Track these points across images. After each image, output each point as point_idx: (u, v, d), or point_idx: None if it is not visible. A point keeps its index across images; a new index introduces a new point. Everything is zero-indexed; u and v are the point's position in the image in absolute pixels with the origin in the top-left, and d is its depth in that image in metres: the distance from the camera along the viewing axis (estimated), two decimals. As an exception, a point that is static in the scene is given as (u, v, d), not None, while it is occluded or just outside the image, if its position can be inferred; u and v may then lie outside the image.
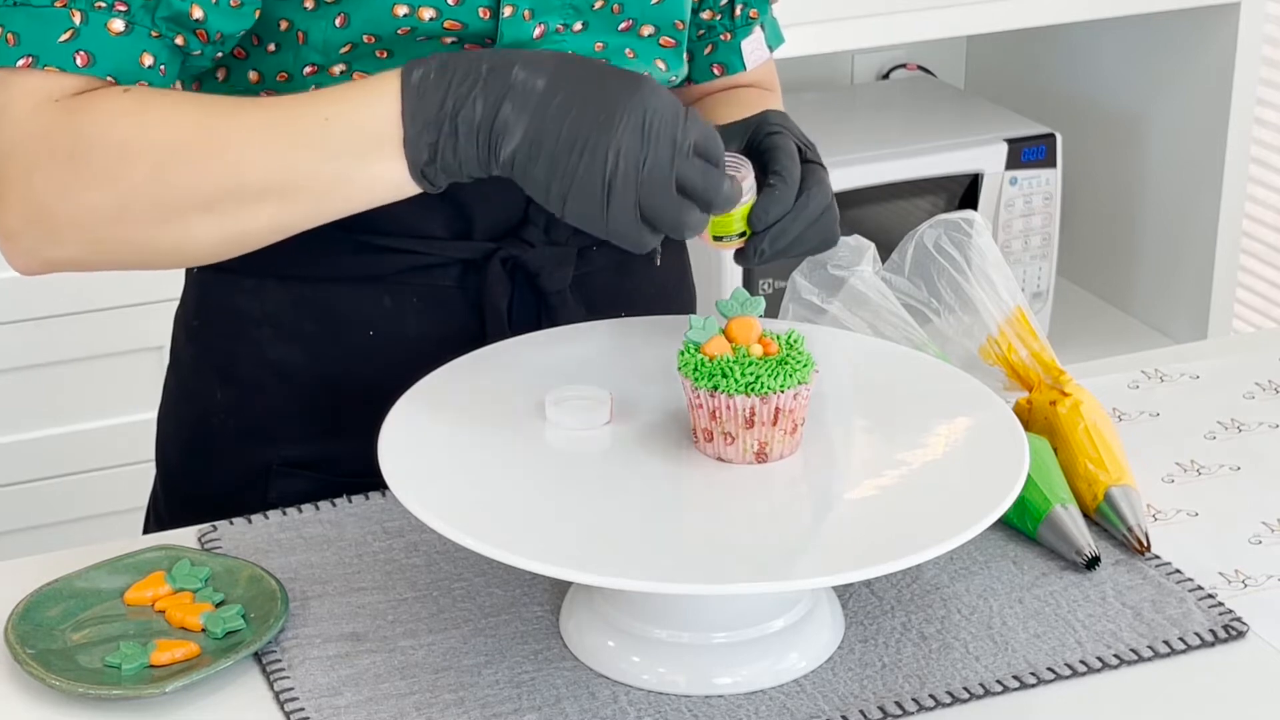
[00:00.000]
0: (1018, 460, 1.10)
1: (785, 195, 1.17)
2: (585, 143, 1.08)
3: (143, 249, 1.15)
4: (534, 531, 1.04)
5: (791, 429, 1.12)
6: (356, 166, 1.12)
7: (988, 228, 1.34)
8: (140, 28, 1.14)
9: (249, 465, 1.35)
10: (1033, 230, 2.53)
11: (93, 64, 1.13)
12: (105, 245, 1.15)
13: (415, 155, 1.10)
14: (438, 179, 1.12)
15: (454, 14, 1.21)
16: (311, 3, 1.21)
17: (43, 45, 1.12)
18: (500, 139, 1.09)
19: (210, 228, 1.13)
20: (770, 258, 1.18)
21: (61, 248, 1.15)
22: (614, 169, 1.07)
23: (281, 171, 1.12)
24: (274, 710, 1.07)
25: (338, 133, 1.12)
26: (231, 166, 1.12)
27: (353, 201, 1.14)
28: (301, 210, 1.14)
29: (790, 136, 1.21)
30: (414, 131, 1.10)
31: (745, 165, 1.16)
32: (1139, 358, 1.51)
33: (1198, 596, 1.16)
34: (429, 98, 1.10)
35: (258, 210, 1.13)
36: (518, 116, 1.09)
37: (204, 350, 1.37)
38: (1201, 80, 2.52)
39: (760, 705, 1.06)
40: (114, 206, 1.13)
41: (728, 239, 1.17)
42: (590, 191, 1.08)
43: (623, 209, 1.08)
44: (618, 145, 1.07)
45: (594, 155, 1.07)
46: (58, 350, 2.30)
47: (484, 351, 1.23)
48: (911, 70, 2.84)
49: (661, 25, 1.30)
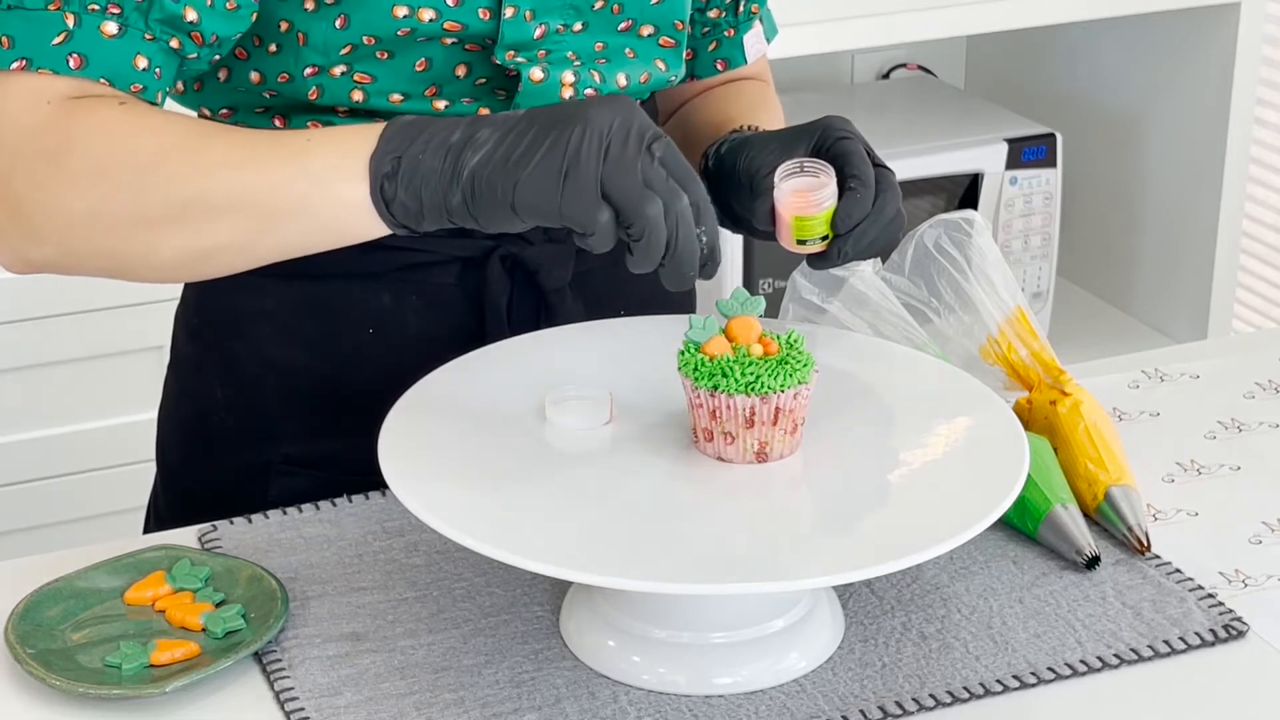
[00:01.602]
0: (1018, 460, 1.10)
1: (865, 198, 1.19)
2: (549, 133, 1.07)
3: (112, 257, 1.15)
4: (534, 531, 1.04)
5: (791, 429, 1.12)
6: (322, 185, 1.11)
7: (988, 228, 1.34)
8: (133, 30, 1.14)
9: (249, 464, 1.35)
10: (1033, 230, 2.53)
11: (86, 66, 1.13)
12: (78, 250, 1.15)
13: (378, 166, 1.10)
14: (395, 203, 1.10)
15: (454, 15, 1.21)
16: (312, 4, 1.21)
17: (36, 48, 1.13)
18: (467, 153, 1.09)
19: (176, 241, 1.13)
20: (850, 259, 1.20)
21: (39, 248, 1.15)
22: (577, 146, 1.07)
23: (249, 186, 1.12)
24: (274, 710, 1.07)
25: (314, 151, 1.12)
26: (203, 177, 1.12)
27: (314, 225, 1.13)
28: (261, 231, 1.13)
29: (859, 141, 1.22)
30: (384, 147, 1.10)
31: (827, 170, 1.19)
32: (1139, 358, 1.51)
33: (1198, 596, 1.16)
34: (414, 125, 1.11)
35: (219, 226, 1.12)
36: (489, 134, 1.09)
37: (204, 349, 1.37)
38: (1201, 80, 2.52)
39: (760, 705, 1.06)
40: (87, 211, 1.13)
41: (810, 242, 1.20)
42: (549, 167, 1.07)
43: (582, 185, 1.06)
44: (583, 126, 1.07)
45: (557, 139, 1.07)
46: (58, 350, 2.30)
47: (484, 351, 1.23)
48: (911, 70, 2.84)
49: (661, 25, 1.31)
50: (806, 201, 1.18)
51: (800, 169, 1.19)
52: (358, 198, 1.11)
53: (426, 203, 1.10)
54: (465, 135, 1.10)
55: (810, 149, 1.23)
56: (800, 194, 1.19)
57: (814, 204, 1.18)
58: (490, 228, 1.10)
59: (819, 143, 1.23)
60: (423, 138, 1.10)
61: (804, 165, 1.19)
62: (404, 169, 1.10)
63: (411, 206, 1.10)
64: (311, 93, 1.24)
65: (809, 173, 1.19)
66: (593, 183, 1.07)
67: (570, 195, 1.07)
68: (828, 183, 1.18)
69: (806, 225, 1.19)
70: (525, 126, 1.09)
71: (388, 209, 1.11)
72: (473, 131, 1.10)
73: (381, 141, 1.11)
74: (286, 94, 1.25)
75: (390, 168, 1.10)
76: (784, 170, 1.20)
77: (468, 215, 1.10)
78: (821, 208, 1.18)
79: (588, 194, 1.07)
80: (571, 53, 1.26)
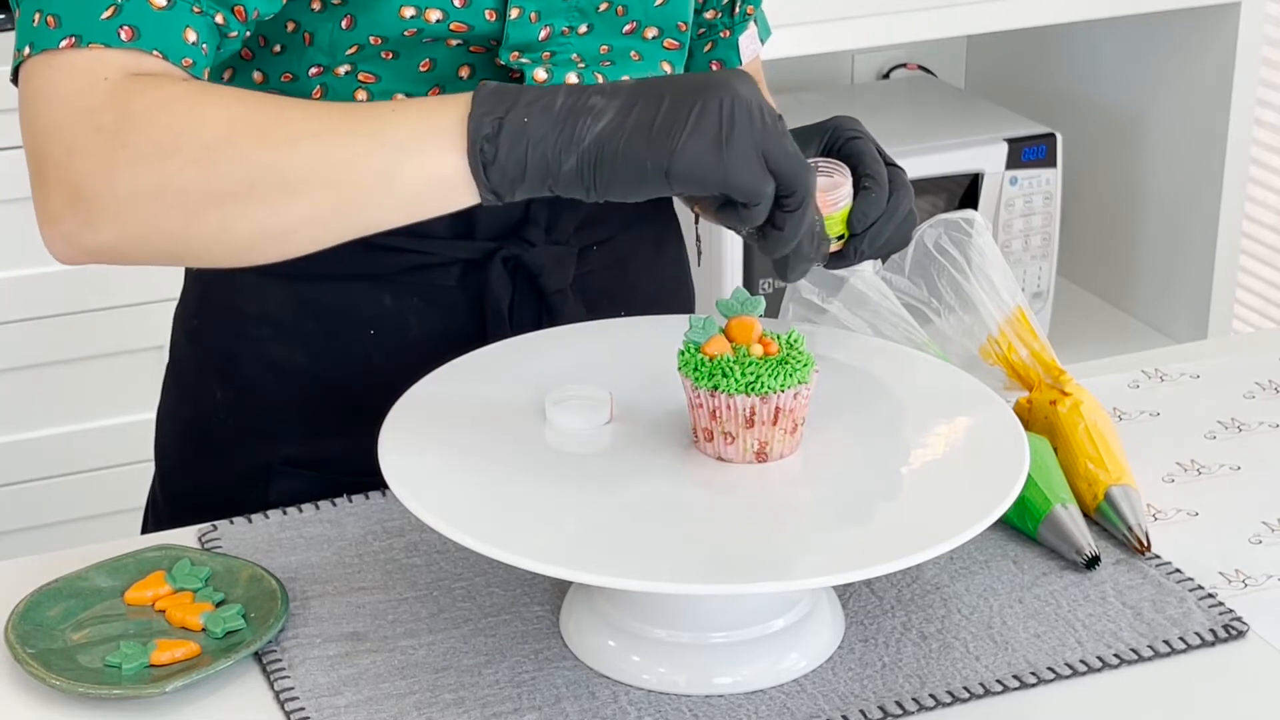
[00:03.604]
0: (1018, 460, 1.10)
1: (880, 197, 1.20)
2: (693, 102, 1.05)
3: (178, 239, 1.09)
4: (534, 531, 1.04)
5: (791, 429, 1.12)
6: (408, 158, 1.07)
7: (988, 227, 1.34)
8: (183, 2, 1.11)
9: (249, 464, 1.35)
10: (1033, 230, 2.53)
11: (137, 38, 1.09)
12: (142, 232, 1.09)
13: (477, 127, 1.06)
14: (494, 167, 1.06)
15: (460, 16, 1.21)
16: (319, 4, 1.21)
17: (85, 24, 1.09)
18: (585, 120, 1.05)
19: (249, 219, 1.08)
20: (867, 258, 1.21)
21: (98, 232, 1.09)
22: (731, 114, 1.04)
23: (327, 159, 1.07)
24: (274, 710, 1.07)
25: (397, 120, 1.08)
26: (277, 152, 1.07)
27: (398, 201, 1.08)
28: (341, 207, 1.08)
29: (869, 140, 1.22)
30: (481, 108, 1.06)
31: (842, 170, 1.19)
32: (1139, 358, 1.51)
33: (1198, 596, 1.16)
34: (507, 90, 1.07)
35: (295, 203, 1.07)
36: (605, 102, 1.06)
37: (204, 349, 1.37)
38: (1201, 80, 2.52)
39: (760, 705, 1.06)
40: (153, 189, 1.07)
41: (827, 242, 1.20)
42: (707, 134, 1.04)
43: (747, 152, 1.05)
44: (731, 96, 1.05)
45: (704, 106, 1.04)
46: (58, 350, 2.30)
47: (484, 351, 1.23)
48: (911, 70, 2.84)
49: (665, 27, 1.30)
50: (823, 201, 1.18)
51: (815, 169, 1.19)
52: (448, 165, 1.06)
53: (531, 168, 1.06)
54: (572, 101, 1.06)
55: (821, 149, 1.23)
56: (817, 193, 1.18)
57: (830, 204, 1.18)
58: (609, 196, 1.06)
59: (830, 142, 1.23)
60: (523, 101, 1.06)
61: (819, 165, 1.19)
62: (506, 131, 1.05)
63: (512, 171, 1.06)
64: (315, 92, 1.24)
65: (824, 172, 1.19)
66: (756, 150, 1.05)
67: (736, 162, 1.05)
68: (843, 182, 1.19)
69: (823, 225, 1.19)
70: (652, 94, 1.06)
71: (485, 173, 1.06)
72: (581, 98, 1.06)
73: (477, 104, 1.06)
74: (289, 94, 1.25)
75: (491, 129, 1.05)
76: None
77: (578, 183, 1.06)
78: (838, 207, 1.19)
79: (755, 160, 1.05)
80: (575, 55, 1.26)
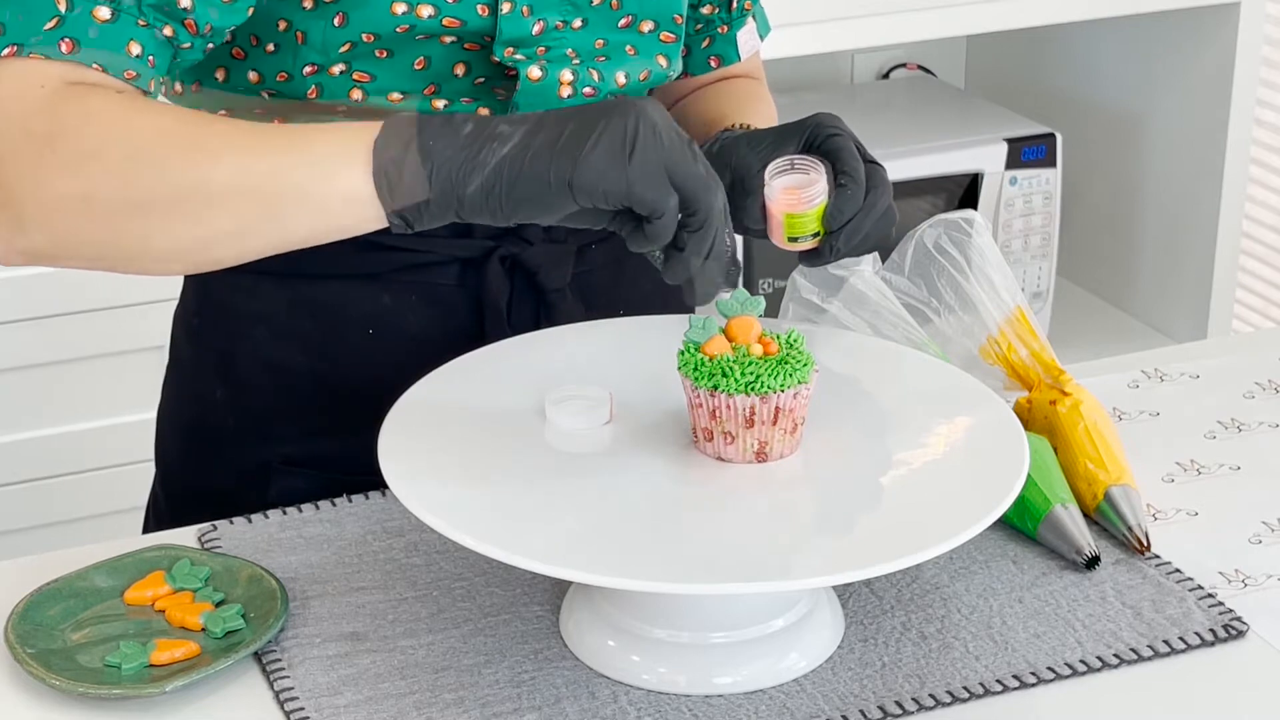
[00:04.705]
0: (1018, 460, 1.10)
1: (856, 194, 1.19)
2: (598, 122, 1.07)
3: (103, 245, 1.11)
4: (534, 531, 1.04)
5: (791, 428, 1.12)
6: (322, 174, 1.09)
7: (988, 227, 1.34)
8: (127, 16, 1.12)
9: (249, 464, 1.35)
10: (1033, 230, 2.53)
11: (78, 51, 1.11)
12: (69, 238, 1.11)
13: (383, 150, 1.08)
14: (399, 190, 1.08)
15: (452, 11, 1.21)
16: (310, 2, 1.21)
17: (28, 33, 1.11)
18: (490, 145, 1.08)
19: (171, 231, 1.10)
20: (843, 255, 1.20)
21: (28, 236, 1.11)
22: (635, 130, 1.06)
23: (247, 172, 1.09)
24: (274, 710, 1.07)
25: (316, 138, 1.10)
26: (199, 165, 1.09)
27: (313, 217, 1.10)
28: (259, 220, 1.10)
29: (849, 137, 1.22)
30: (388, 134, 1.09)
31: (818, 167, 1.19)
32: (1139, 358, 1.51)
33: (1198, 596, 1.16)
34: (417, 117, 1.10)
35: (216, 214, 1.10)
36: (512, 129, 1.08)
37: (204, 349, 1.37)
38: (1201, 80, 2.52)
39: (760, 705, 1.06)
40: (78, 196, 1.09)
41: (802, 239, 1.20)
42: (612, 148, 1.06)
43: (651, 165, 1.06)
44: (636, 115, 1.07)
45: (609, 125, 1.06)
46: (58, 350, 2.30)
47: (484, 351, 1.23)
48: (911, 70, 2.84)
49: (660, 20, 1.30)
50: (797, 199, 1.18)
51: (791, 166, 1.19)
52: (358, 185, 1.09)
53: (436, 190, 1.08)
54: (479, 129, 1.08)
55: (801, 146, 1.23)
56: (791, 191, 1.19)
57: (805, 201, 1.18)
58: (516, 217, 1.08)
59: (809, 140, 1.23)
60: (430, 129, 1.08)
61: (794, 162, 1.19)
62: (411, 154, 1.08)
63: (417, 193, 1.08)
64: (310, 91, 1.24)
65: (799, 170, 1.19)
66: (660, 164, 1.07)
67: (639, 173, 1.06)
68: (818, 179, 1.19)
69: (798, 222, 1.19)
70: (559, 119, 1.08)
71: (390, 196, 1.09)
72: (489, 127, 1.08)
73: (385, 128, 1.09)
74: (285, 94, 1.25)
75: (396, 153, 1.08)
76: (774, 168, 1.20)
77: (484, 204, 1.08)
78: (813, 204, 1.18)
79: (658, 174, 1.07)
80: (570, 50, 1.26)
